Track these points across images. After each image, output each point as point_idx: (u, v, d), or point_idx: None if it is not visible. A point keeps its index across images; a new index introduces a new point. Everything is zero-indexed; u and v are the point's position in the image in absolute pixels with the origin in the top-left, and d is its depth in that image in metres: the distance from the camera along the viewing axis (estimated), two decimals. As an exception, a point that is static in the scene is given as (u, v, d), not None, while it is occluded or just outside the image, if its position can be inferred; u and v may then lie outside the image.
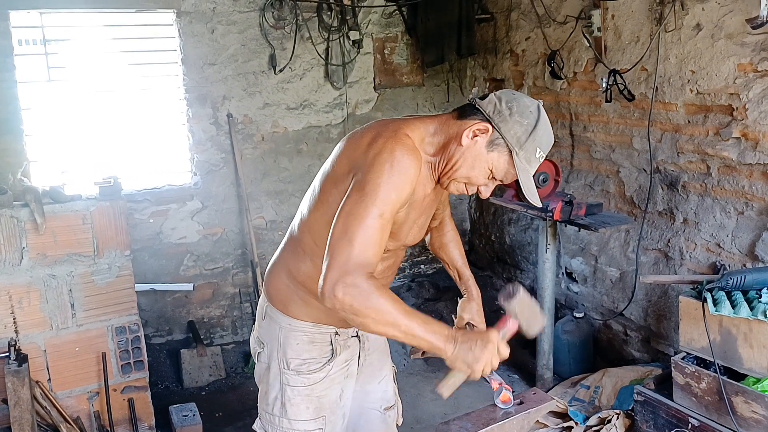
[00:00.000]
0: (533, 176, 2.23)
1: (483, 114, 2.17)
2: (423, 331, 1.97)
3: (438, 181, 2.30)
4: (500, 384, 2.33)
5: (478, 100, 2.21)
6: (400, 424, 2.87)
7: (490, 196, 2.38)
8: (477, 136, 2.16)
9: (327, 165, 2.33)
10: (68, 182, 4.75)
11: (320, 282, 1.97)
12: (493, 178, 2.24)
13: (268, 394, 2.54)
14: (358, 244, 1.97)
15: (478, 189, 2.28)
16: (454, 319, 2.70)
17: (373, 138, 2.17)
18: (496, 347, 2.04)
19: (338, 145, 2.33)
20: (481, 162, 2.19)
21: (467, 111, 2.23)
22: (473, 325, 2.23)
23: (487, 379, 2.23)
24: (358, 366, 2.63)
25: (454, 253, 2.84)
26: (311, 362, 2.47)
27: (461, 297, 2.76)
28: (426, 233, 2.80)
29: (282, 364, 2.47)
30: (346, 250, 1.96)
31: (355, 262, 1.95)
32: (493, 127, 2.15)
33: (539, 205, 2.28)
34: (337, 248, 1.98)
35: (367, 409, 2.73)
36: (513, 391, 2.37)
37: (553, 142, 2.25)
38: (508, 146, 2.16)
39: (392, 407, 2.80)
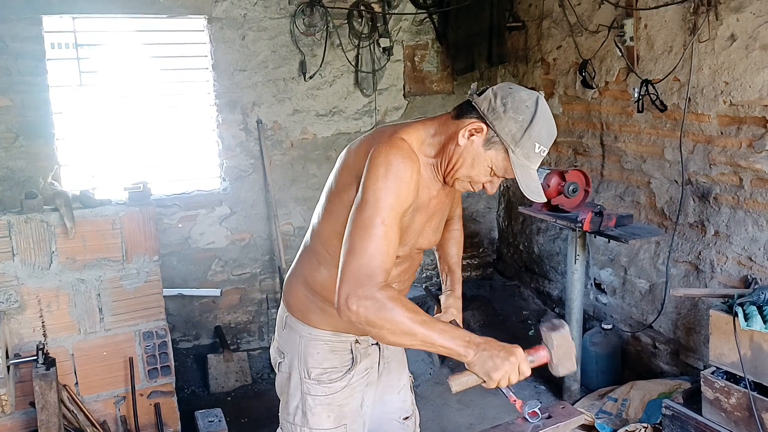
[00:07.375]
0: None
1: (479, 112, 2.15)
2: (441, 339, 1.98)
3: (444, 181, 2.30)
4: (515, 400, 2.28)
5: (475, 96, 2.18)
6: None
7: (523, 205, 2.36)
8: (473, 135, 2.15)
9: (331, 177, 2.35)
10: (98, 187, 4.82)
11: (335, 297, 2.00)
12: (496, 174, 2.22)
13: (289, 404, 2.54)
14: (365, 254, 2.00)
15: (483, 186, 2.26)
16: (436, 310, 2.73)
17: (370, 146, 2.18)
18: (518, 364, 2.02)
19: (341, 155, 2.35)
20: (480, 161, 2.17)
21: (464, 109, 2.21)
22: (457, 323, 2.22)
23: (504, 392, 2.20)
24: (378, 374, 2.63)
25: (451, 250, 2.84)
26: (332, 371, 2.47)
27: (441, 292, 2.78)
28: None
29: (303, 373, 2.48)
30: (354, 263, 1.99)
31: (365, 273, 1.98)
32: (487, 125, 2.13)
33: (542, 200, 2.26)
34: (346, 261, 2.01)
35: (387, 420, 2.73)
36: (541, 404, 2.33)
37: (555, 135, 2.20)
38: (503, 144, 2.13)
39: (410, 417, 2.80)
